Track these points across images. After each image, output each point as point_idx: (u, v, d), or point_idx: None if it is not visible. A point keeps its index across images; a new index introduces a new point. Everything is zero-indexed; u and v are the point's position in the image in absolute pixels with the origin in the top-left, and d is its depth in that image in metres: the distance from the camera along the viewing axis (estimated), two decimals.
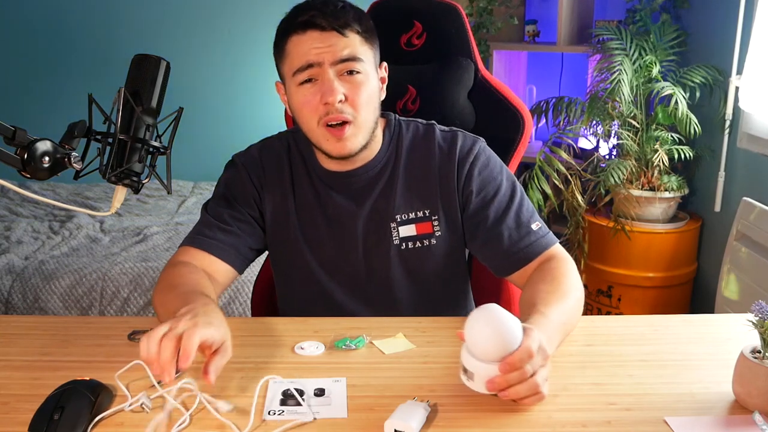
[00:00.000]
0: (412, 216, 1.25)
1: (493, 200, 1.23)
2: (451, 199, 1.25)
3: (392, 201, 1.25)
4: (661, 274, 2.76)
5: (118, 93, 1.01)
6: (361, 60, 1.15)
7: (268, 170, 1.28)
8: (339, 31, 1.13)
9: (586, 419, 0.90)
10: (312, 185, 1.27)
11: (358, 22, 1.16)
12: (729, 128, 2.63)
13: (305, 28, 1.14)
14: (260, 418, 0.90)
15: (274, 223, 1.28)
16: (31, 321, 1.27)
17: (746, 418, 0.90)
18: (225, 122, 3.68)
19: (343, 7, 1.15)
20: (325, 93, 1.13)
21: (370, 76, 1.17)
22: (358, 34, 1.15)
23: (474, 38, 1.48)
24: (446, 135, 1.27)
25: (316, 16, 1.13)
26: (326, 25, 1.13)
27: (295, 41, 1.15)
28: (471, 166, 1.24)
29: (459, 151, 1.24)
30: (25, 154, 0.93)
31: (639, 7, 2.90)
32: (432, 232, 1.26)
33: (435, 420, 0.89)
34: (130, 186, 1.03)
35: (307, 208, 1.27)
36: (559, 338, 1.04)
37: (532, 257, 1.19)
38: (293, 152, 1.29)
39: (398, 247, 1.26)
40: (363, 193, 1.25)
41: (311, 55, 1.13)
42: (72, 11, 3.58)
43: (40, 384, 0.96)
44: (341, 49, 1.13)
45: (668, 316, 1.23)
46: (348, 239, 1.26)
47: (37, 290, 2.32)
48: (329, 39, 1.13)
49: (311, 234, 1.27)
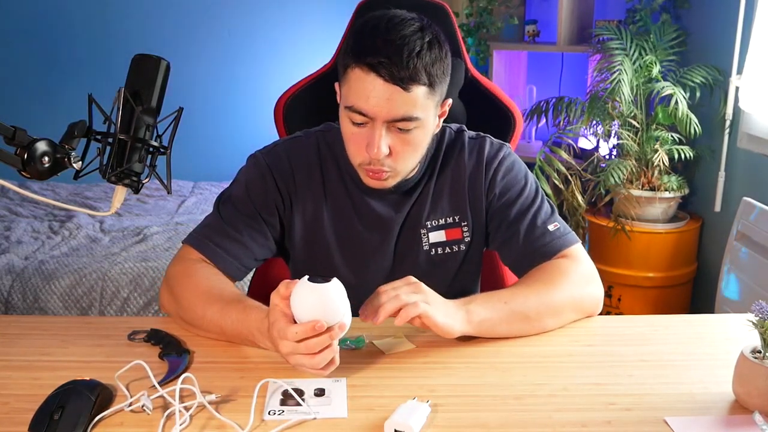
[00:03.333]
0: (442, 222, 1.27)
1: (515, 202, 1.25)
2: (478, 204, 1.26)
3: (424, 207, 1.26)
4: (661, 274, 2.76)
5: (118, 93, 1.00)
6: (417, 119, 1.09)
7: (298, 175, 1.24)
8: (403, 87, 1.06)
9: (586, 419, 0.90)
10: (346, 190, 1.25)
11: (427, 74, 1.07)
12: (729, 128, 2.63)
13: (370, 71, 1.06)
14: (260, 418, 0.90)
15: (304, 226, 1.25)
16: (31, 321, 1.27)
17: (746, 418, 0.90)
18: (225, 122, 3.68)
19: (417, 55, 1.05)
20: (370, 145, 1.10)
21: (425, 125, 1.12)
22: (424, 85, 1.08)
23: (473, 38, 1.48)
24: (474, 142, 1.28)
25: (383, 65, 1.04)
26: (390, 78, 1.05)
27: (358, 75, 1.07)
28: (496, 171, 1.26)
29: (486, 156, 1.26)
30: (25, 154, 0.93)
31: (639, 7, 2.91)
32: (461, 238, 1.27)
33: (435, 420, 0.89)
34: (130, 186, 1.03)
35: (343, 213, 1.25)
36: (495, 314, 1.09)
37: (548, 256, 1.20)
38: (324, 154, 1.25)
39: (428, 252, 1.27)
40: (401, 200, 1.25)
41: (367, 104, 1.07)
42: (72, 11, 3.58)
43: (40, 384, 0.96)
44: (399, 107, 1.07)
45: (668, 316, 1.23)
46: (383, 245, 1.26)
47: (37, 290, 2.32)
48: (390, 92, 1.06)
49: (346, 239, 1.26)
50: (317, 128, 1.29)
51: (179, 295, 1.14)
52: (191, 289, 1.13)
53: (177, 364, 1.02)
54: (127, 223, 2.98)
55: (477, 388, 0.98)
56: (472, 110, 1.54)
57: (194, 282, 1.14)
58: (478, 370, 1.02)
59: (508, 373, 1.00)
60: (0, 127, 0.92)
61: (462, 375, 1.01)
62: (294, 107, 1.54)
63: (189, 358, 1.05)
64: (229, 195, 1.25)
